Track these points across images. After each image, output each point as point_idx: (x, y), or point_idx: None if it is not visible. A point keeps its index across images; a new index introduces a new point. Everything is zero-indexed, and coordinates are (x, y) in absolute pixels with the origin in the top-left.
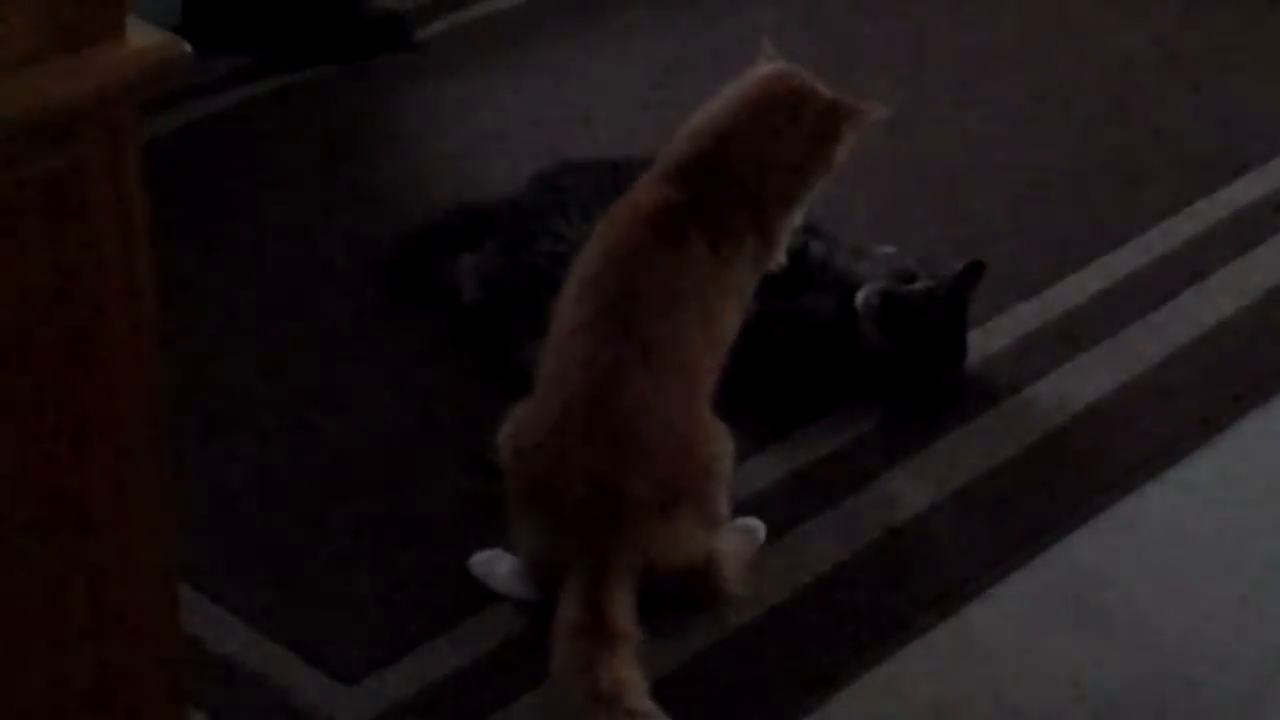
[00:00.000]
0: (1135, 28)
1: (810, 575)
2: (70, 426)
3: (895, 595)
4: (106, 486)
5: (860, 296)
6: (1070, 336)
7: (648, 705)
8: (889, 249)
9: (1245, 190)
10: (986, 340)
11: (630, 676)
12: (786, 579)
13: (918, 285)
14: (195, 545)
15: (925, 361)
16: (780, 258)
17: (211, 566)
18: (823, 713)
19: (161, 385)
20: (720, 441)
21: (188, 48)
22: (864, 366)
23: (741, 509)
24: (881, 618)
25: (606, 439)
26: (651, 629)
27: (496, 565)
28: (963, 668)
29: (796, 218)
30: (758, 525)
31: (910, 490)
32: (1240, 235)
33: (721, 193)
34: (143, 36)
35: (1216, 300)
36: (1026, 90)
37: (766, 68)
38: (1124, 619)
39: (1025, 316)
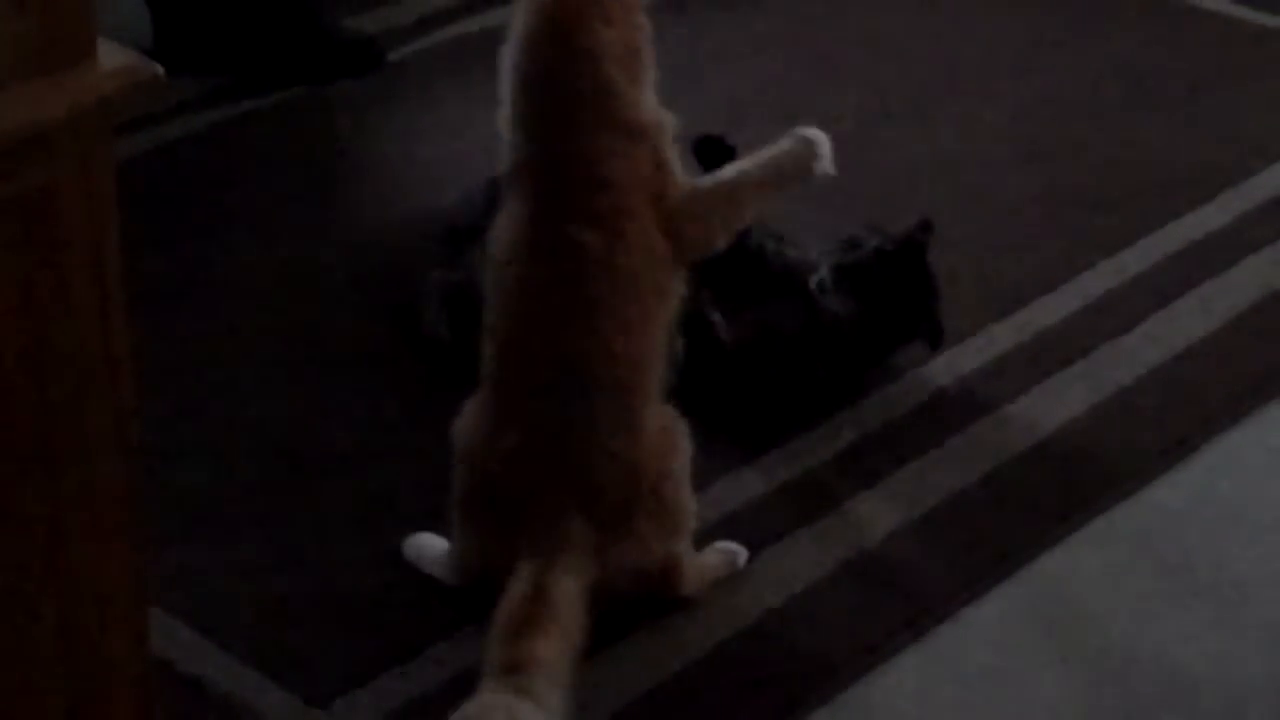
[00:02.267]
0: (1105, 52)
1: (782, 596)
2: (39, 448)
3: (867, 616)
4: (75, 508)
5: (813, 280)
6: (1042, 358)
7: (545, 690)
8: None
9: (1215, 214)
10: (958, 361)
11: (541, 654)
12: (758, 599)
13: (866, 248)
14: (166, 567)
15: (897, 322)
16: (667, 125)
17: (182, 589)
18: None
19: (133, 406)
20: (671, 450)
21: (159, 70)
22: (838, 355)
23: (713, 528)
24: (854, 638)
25: (553, 457)
26: (623, 648)
27: (429, 548)
28: (935, 689)
29: (653, 102)
30: (739, 550)
31: (883, 511)
32: (1209, 258)
33: (582, 151)
34: (114, 58)
35: (1186, 323)
36: (997, 113)
37: None
38: (1095, 640)
39: (997, 337)
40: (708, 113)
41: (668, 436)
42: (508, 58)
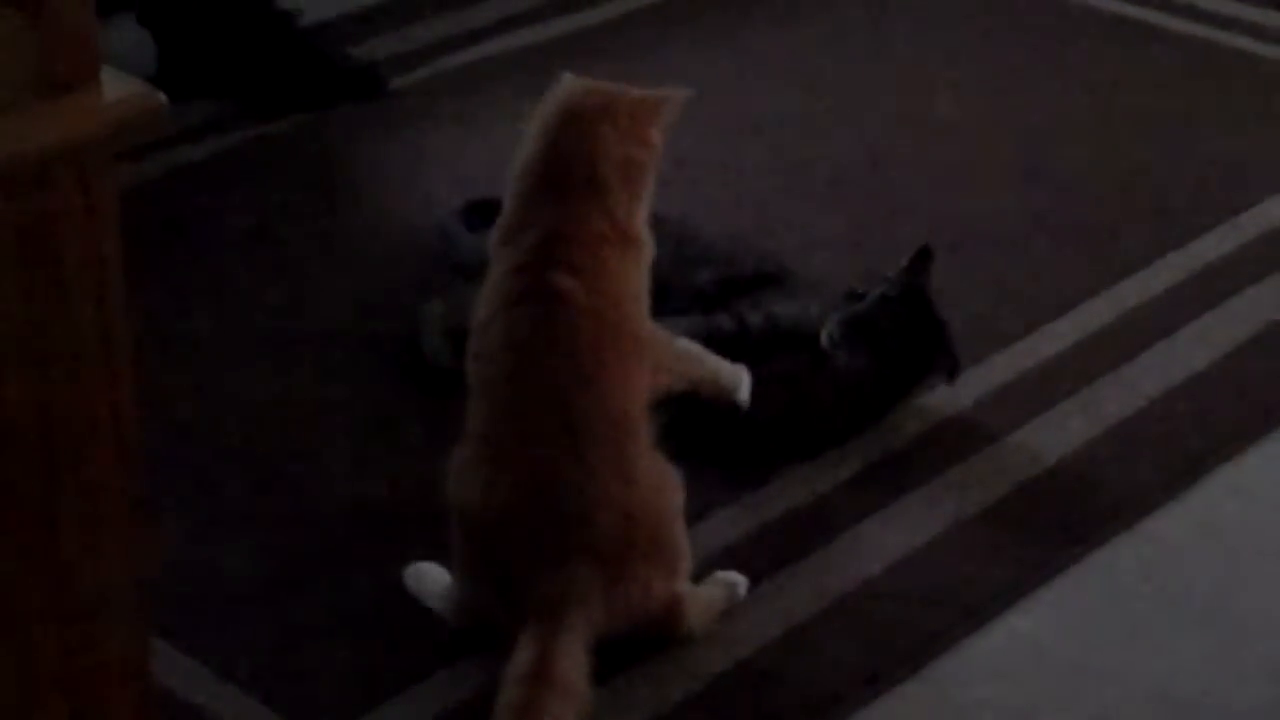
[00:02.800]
0: (1107, 83)
1: (782, 627)
2: (42, 477)
3: (868, 648)
4: (79, 537)
5: (823, 337)
6: (1043, 388)
7: None
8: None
9: (1216, 244)
10: (959, 391)
11: None
12: (758, 631)
13: (871, 296)
14: (168, 597)
15: (911, 364)
16: (649, 249)
17: (183, 618)
18: None
19: (137, 436)
20: (664, 491)
21: (163, 98)
22: (857, 407)
23: (714, 561)
24: (854, 670)
25: (548, 527)
26: (624, 680)
27: (431, 580)
28: None
29: (646, 211)
30: (739, 580)
31: (883, 542)
32: (1211, 289)
33: (568, 219)
34: (118, 86)
35: (1188, 353)
36: (997, 143)
37: (566, 85)
38: (1094, 672)
39: (999, 367)
40: (709, 138)
41: (661, 479)
42: (524, 143)
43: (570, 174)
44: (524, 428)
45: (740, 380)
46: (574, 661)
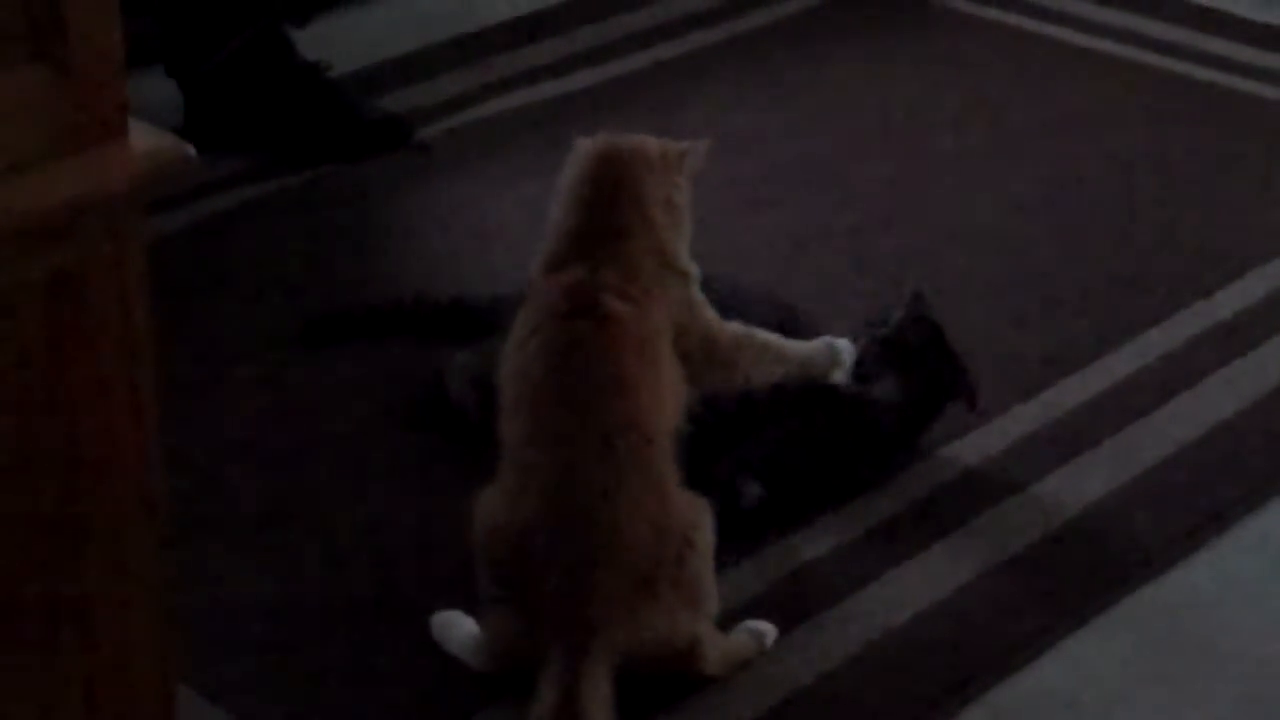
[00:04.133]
0: (1135, 133)
1: (812, 675)
2: (69, 530)
3: (895, 697)
4: (105, 587)
5: (843, 376)
6: (1069, 437)
7: None
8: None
9: (1242, 293)
10: (985, 440)
11: None
12: (788, 679)
13: (893, 319)
14: (196, 645)
15: (937, 387)
16: (694, 274)
17: (210, 667)
18: None
19: (163, 487)
20: (694, 516)
21: (191, 150)
22: (879, 448)
23: (741, 611)
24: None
25: (576, 536)
26: None
27: (457, 630)
28: None
29: (686, 246)
30: (768, 630)
31: (910, 591)
32: (1238, 338)
33: (620, 253)
34: (146, 138)
35: (1215, 402)
36: (1025, 192)
37: (599, 138)
38: None
39: (1024, 417)
40: (739, 189)
41: (693, 510)
42: (560, 189)
43: (620, 212)
44: (556, 434)
45: (834, 357)
46: (599, 698)
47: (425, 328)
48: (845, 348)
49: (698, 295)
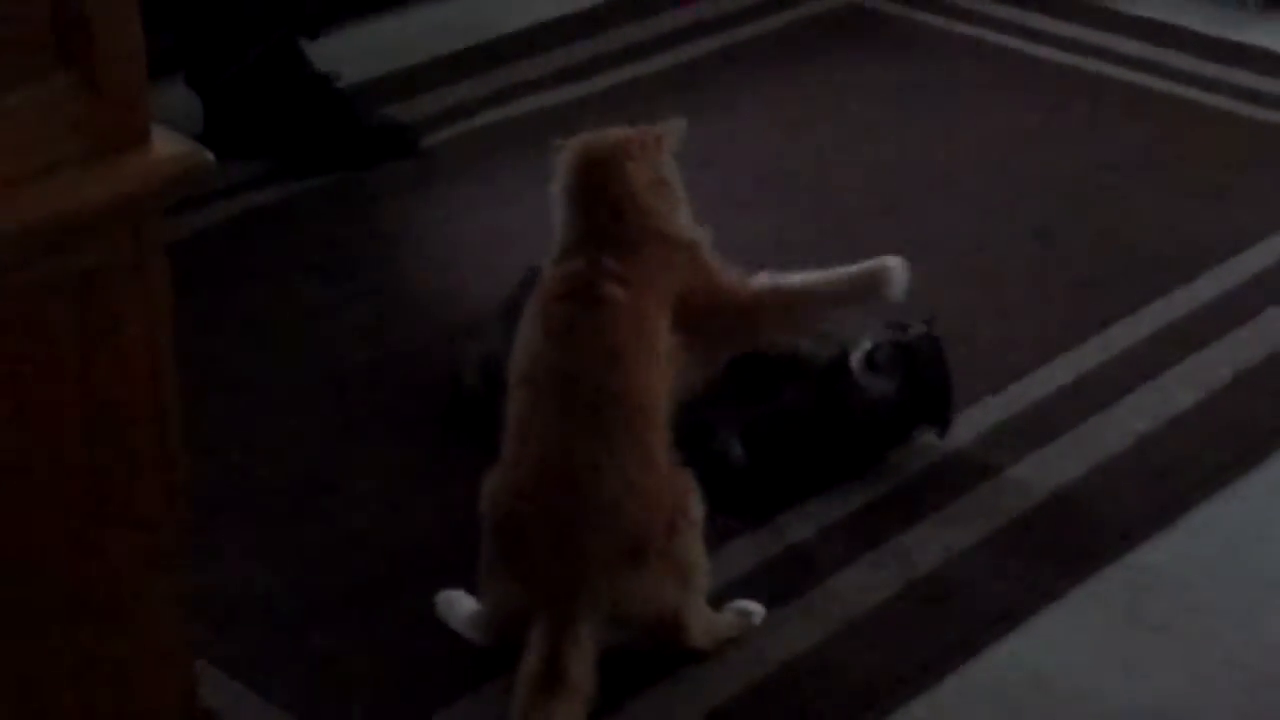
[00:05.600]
0: (1098, 142)
1: (794, 652)
2: (96, 514)
3: (873, 673)
4: (129, 570)
5: (858, 360)
6: (1036, 427)
7: None
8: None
9: (1198, 292)
10: (959, 430)
11: None
12: (772, 655)
13: (913, 332)
14: (212, 625)
15: (922, 410)
16: (702, 239)
17: (229, 644)
18: None
19: (184, 473)
20: (683, 489)
21: (210, 156)
22: (864, 439)
23: (729, 590)
24: (858, 694)
25: (567, 501)
26: (644, 699)
27: (459, 607)
28: None
29: (687, 217)
30: (756, 609)
31: (887, 573)
32: (1194, 334)
33: (618, 241)
34: (167, 144)
35: (1172, 395)
36: (993, 196)
37: (578, 139)
38: (1089, 696)
39: (995, 408)
40: (722, 191)
41: (683, 484)
42: (556, 194)
43: (611, 202)
44: (551, 406)
45: (887, 271)
46: (581, 659)
47: None
48: (897, 265)
49: (708, 259)
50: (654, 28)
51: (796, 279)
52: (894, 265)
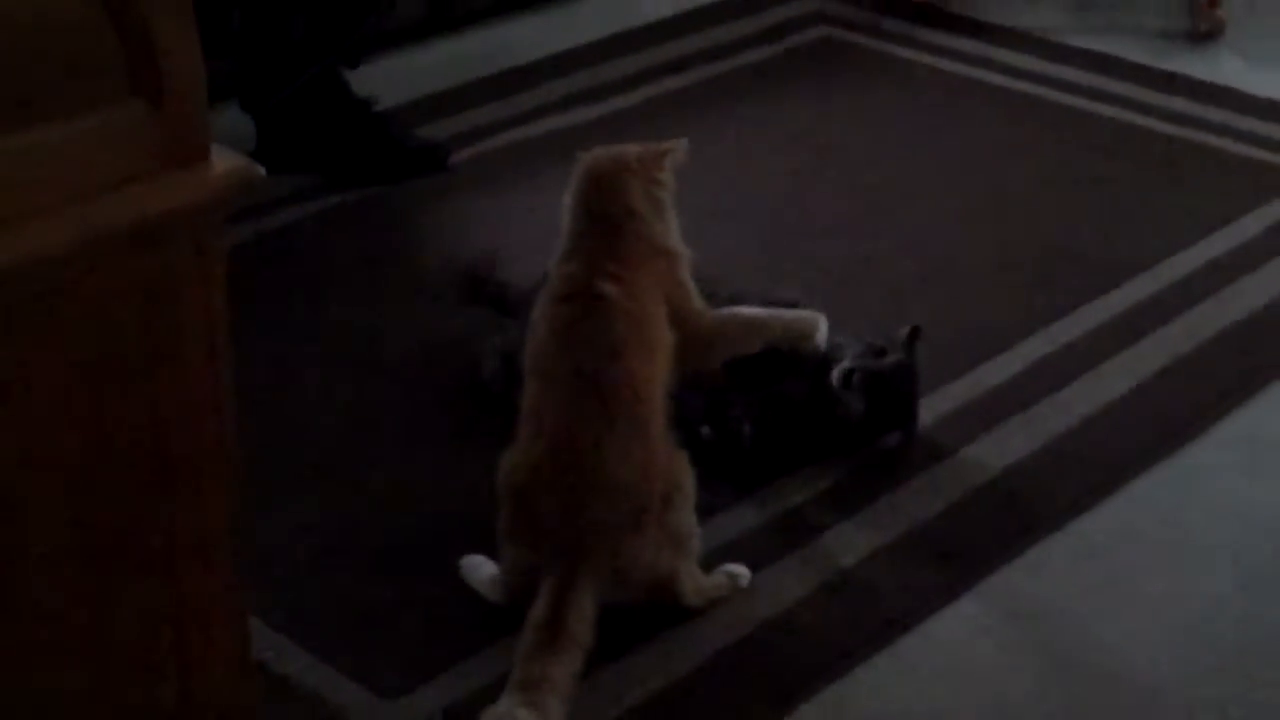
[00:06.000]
0: (1045, 160)
1: (775, 610)
2: (158, 484)
3: (845, 627)
4: (189, 537)
5: (836, 376)
6: (991, 410)
7: (551, 703)
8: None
9: (1134, 290)
10: (921, 414)
11: (554, 674)
12: (754, 614)
13: (889, 359)
14: (261, 584)
15: (889, 422)
16: (685, 255)
17: (275, 602)
18: None
19: (235, 450)
20: (678, 466)
21: (262, 171)
22: (835, 433)
23: (718, 554)
24: (833, 647)
25: (574, 474)
26: (638, 654)
27: (480, 571)
28: (903, 687)
29: (675, 231)
30: (743, 571)
31: (858, 539)
32: (1129, 329)
33: (612, 243)
34: (225, 160)
35: (1110, 383)
36: (956, 208)
37: (588, 156)
38: (1035, 646)
39: (955, 394)
40: (717, 195)
41: (677, 460)
42: (567, 203)
43: (611, 212)
44: (559, 396)
45: (813, 327)
46: (581, 612)
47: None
48: (822, 324)
49: (685, 277)
50: (655, 57)
51: (745, 314)
52: (820, 320)
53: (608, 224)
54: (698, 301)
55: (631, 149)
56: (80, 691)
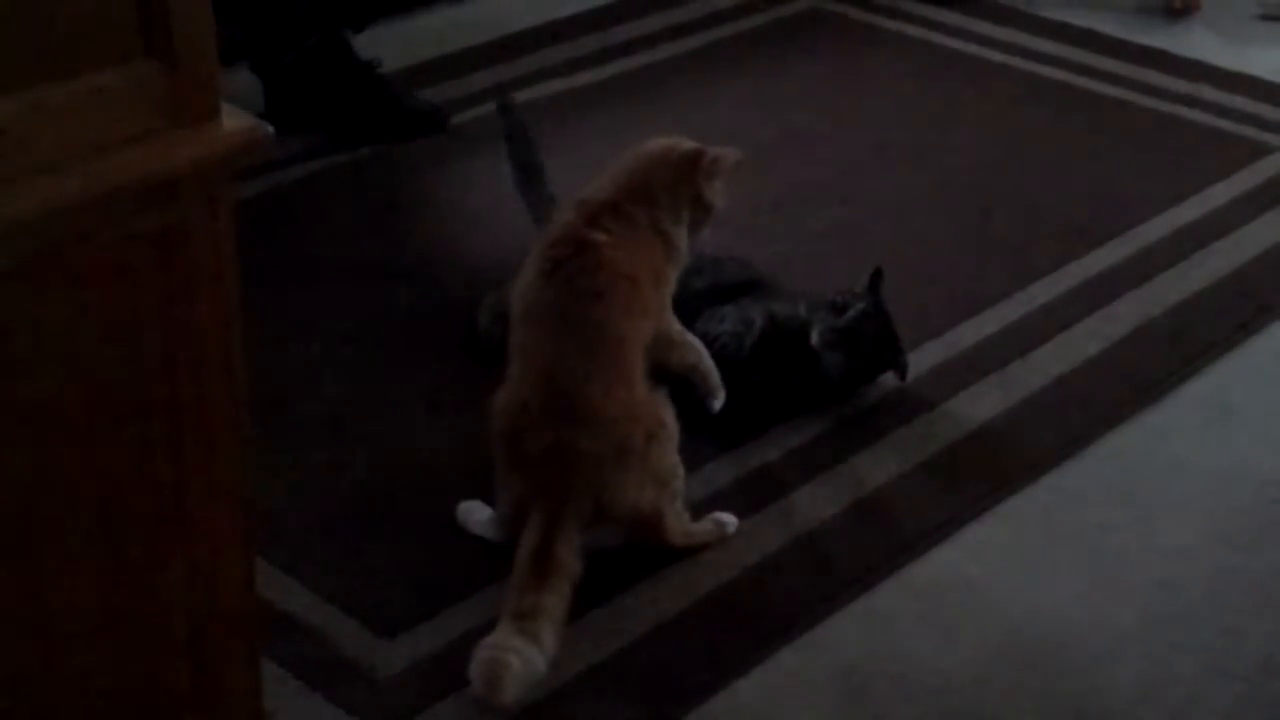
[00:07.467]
0: (1022, 130)
1: (759, 556)
2: (170, 432)
3: (827, 574)
4: (199, 478)
5: (814, 338)
6: (969, 369)
7: (544, 632)
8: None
9: (1107, 255)
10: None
11: (547, 604)
12: (739, 559)
13: (853, 311)
14: (268, 526)
15: (876, 365)
16: (683, 258)
17: (280, 542)
18: (762, 669)
19: (245, 399)
20: (661, 407)
21: (270, 130)
22: (826, 388)
23: (705, 504)
24: (807, 596)
25: (560, 411)
26: (629, 596)
27: (476, 513)
28: (871, 634)
29: (685, 232)
30: (730, 520)
31: (839, 491)
32: (1102, 292)
33: (615, 199)
34: (234, 120)
35: (1082, 343)
36: (935, 177)
37: (663, 139)
38: (1005, 594)
39: (932, 353)
40: None
41: (660, 405)
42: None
43: (627, 183)
44: (544, 336)
45: (720, 391)
46: (570, 545)
47: None
48: (722, 395)
49: (673, 279)
50: (650, 25)
51: (693, 343)
52: (722, 394)
53: (619, 194)
54: (671, 316)
55: (682, 145)
56: (93, 630)
